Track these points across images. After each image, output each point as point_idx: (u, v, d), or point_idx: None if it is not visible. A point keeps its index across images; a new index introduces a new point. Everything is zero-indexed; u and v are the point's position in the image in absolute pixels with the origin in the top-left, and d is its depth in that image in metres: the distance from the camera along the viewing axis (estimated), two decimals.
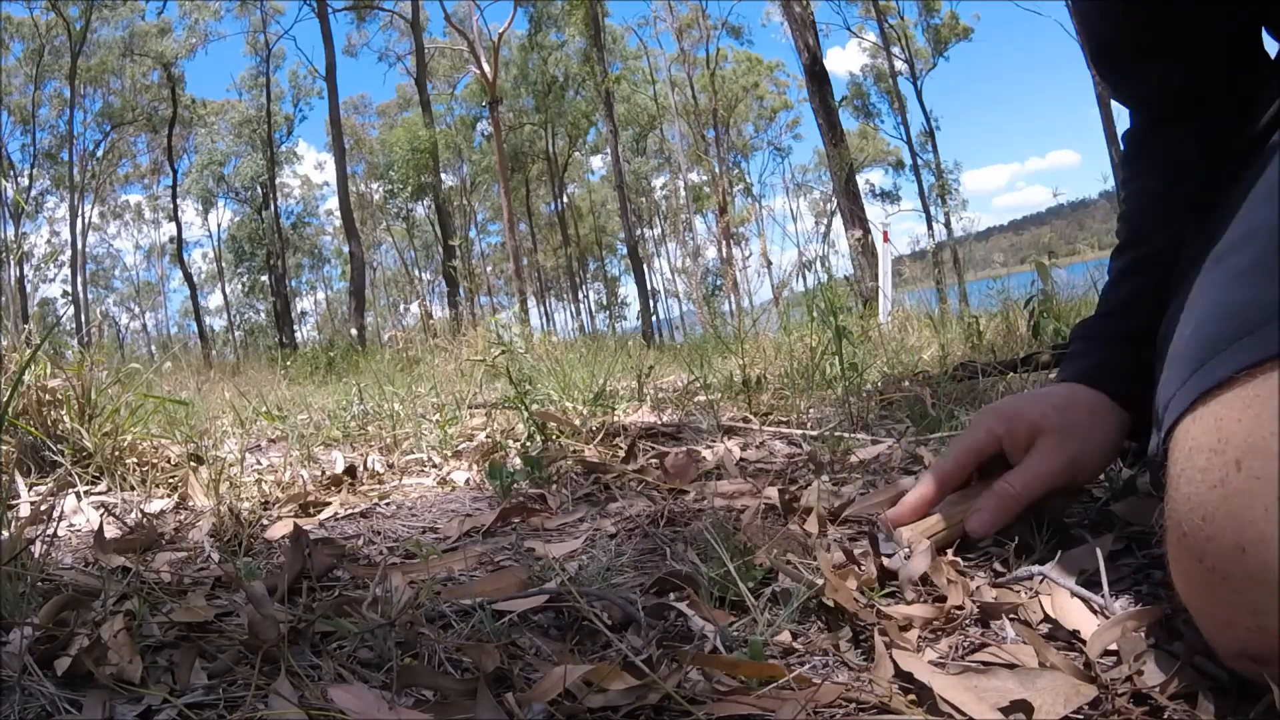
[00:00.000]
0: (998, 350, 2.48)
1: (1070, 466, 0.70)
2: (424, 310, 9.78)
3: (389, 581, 0.76)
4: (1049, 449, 0.69)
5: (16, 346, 1.67)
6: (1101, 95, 16.45)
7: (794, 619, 0.66)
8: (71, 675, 0.58)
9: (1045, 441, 0.69)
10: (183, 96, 26.54)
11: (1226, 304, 0.53)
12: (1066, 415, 0.70)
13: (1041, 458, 0.69)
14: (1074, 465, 0.70)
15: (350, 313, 16.21)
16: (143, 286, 33.95)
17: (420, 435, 1.76)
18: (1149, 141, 0.80)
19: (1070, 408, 0.71)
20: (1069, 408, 0.71)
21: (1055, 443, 0.69)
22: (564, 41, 25.12)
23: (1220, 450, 0.45)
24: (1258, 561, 0.42)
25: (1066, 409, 0.71)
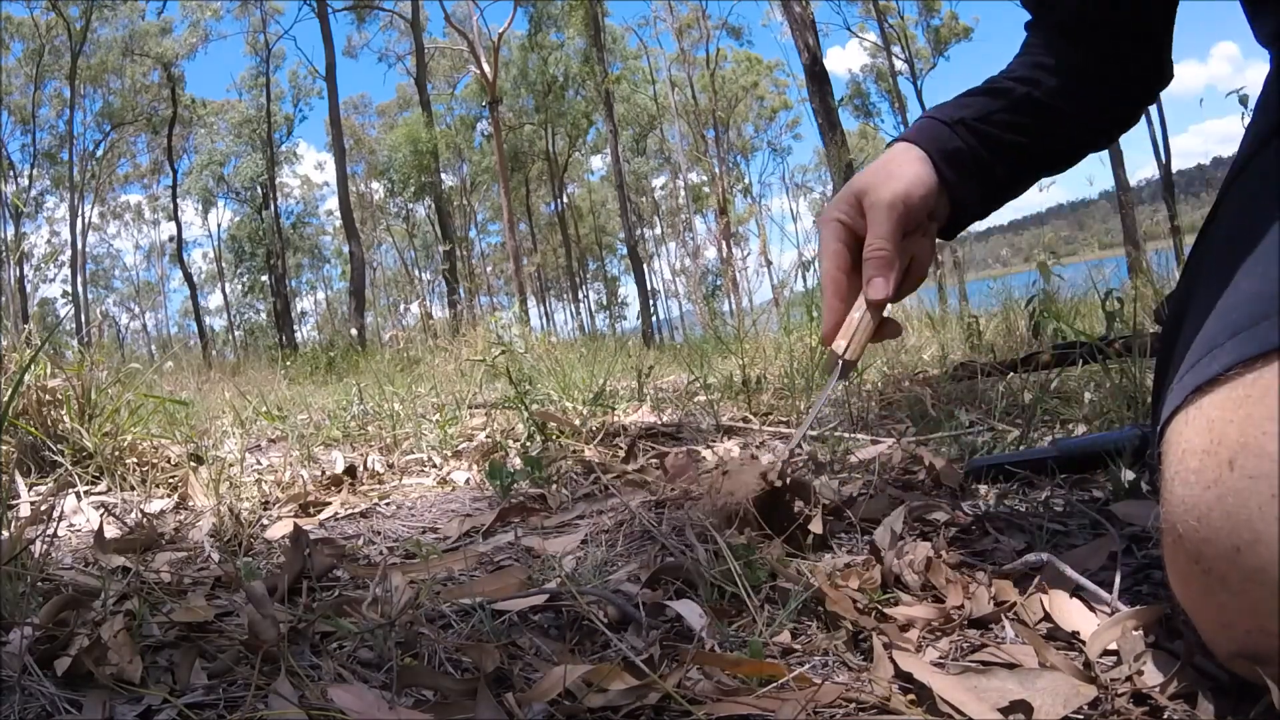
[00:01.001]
0: (998, 350, 2.48)
1: (904, 199, 0.73)
2: (424, 310, 9.79)
3: (389, 581, 0.76)
4: (878, 196, 0.73)
5: (16, 346, 1.67)
6: None
7: (793, 619, 0.66)
8: (71, 675, 0.58)
9: (871, 195, 0.74)
10: (183, 96, 26.54)
11: (1224, 301, 0.53)
12: (881, 166, 0.75)
13: (878, 209, 0.73)
14: (906, 198, 0.73)
15: (350, 313, 16.21)
16: (143, 286, 33.96)
17: (420, 435, 1.76)
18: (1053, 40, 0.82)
19: (886, 160, 0.76)
20: (885, 161, 0.76)
21: (881, 190, 0.73)
22: (564, 41, 25.12)
23: (1213, 451, 0.45)
24: (1254, 562, 0.42)
25: (881, 164, 0.76)
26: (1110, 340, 1.60)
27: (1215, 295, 0.55)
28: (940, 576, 0.71)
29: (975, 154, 0.78)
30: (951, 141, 0.77)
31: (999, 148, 0.78)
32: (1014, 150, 0.80)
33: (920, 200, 0.75)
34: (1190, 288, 0.62)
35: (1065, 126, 0.82)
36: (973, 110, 0.79)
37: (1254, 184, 0.61)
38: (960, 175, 0.77)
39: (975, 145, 0.78)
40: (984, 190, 0.80)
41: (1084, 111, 0.82)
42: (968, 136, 0.77)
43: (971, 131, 0.78)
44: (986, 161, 0.78)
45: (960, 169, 0.77)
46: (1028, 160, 0.82)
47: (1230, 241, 0.58)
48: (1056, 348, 1.81)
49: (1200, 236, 0.67)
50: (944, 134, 0.77)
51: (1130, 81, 0.82)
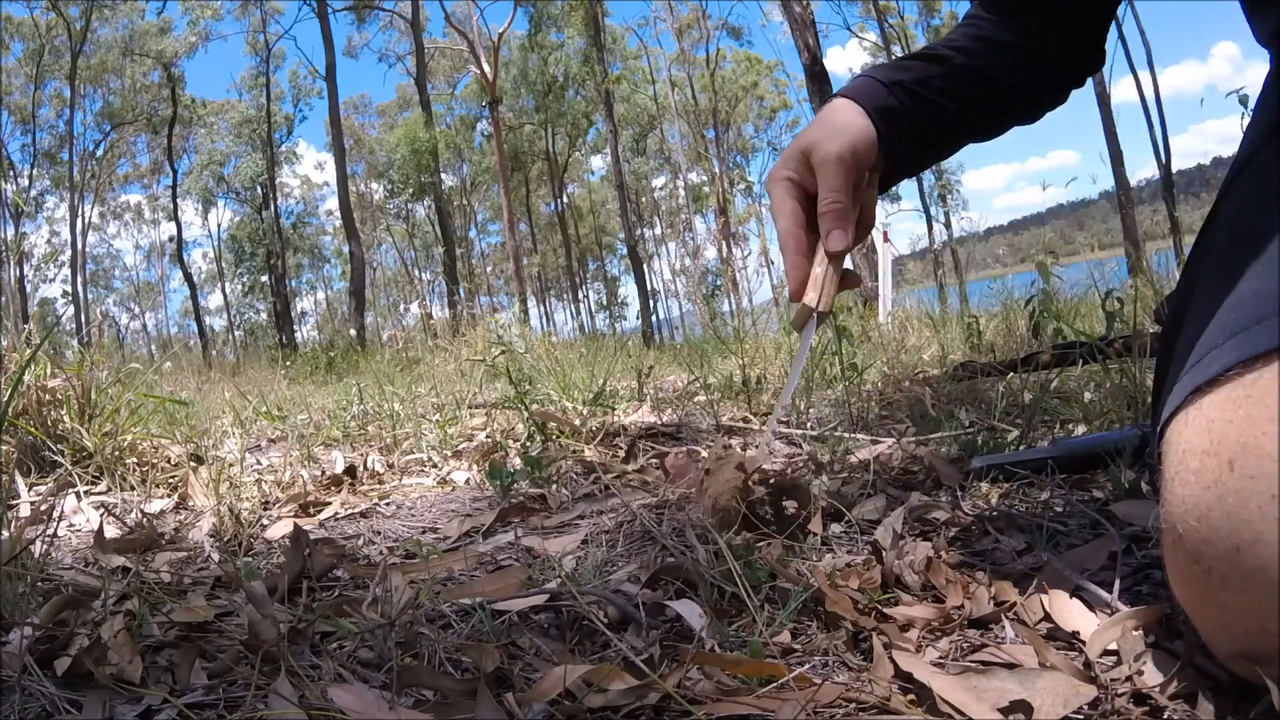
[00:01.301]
0: (998, 350, 2.48)
1: (851, 152, 0.75)
2: (424, 310, 9.79)
3: (389, 581, 0.76)
4: (826, 152, 0.75)
5: (16, 346, 1.67)
6: (1101, 95, 16.45)
7: (793, 619, 0.66)
8: (71, 675, 0.58)
9: (820, 152, 0.76)
10: (183, 96, 26.54)
11: (1224, 301, 0.53)
12: (823, 122, 0.78)
13: (827, 165, 0.75)
14: (853, 151, 0.76)
15: (350, 313, 16.21)
16: (143, 286, 33.96)
17: (420, 435, 1.76)
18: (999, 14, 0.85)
19: (828, 116, 0.78)
20: (827, 117, 0.78)
21: (827, 144, 0.75)
22: (564, 41, 25.12)
23: (1213, 451, 0.45)
24: (1254, 562, 0.42)
25: (823, 120, 0.78)
26: (1110, 340, 1.60)
27: (1215, 295, 0.55)
28: (940, 576, 0.71)
29: (910, 115, 0.81)
30: (888, 101, 0.79)
31: (933, 111, 0.81)
32: (947, 115, 0.83)
33: (865, 153, 0.77)
34: (1190, 288, 0.62)
35: (998, 98, 0.85)
36: (911, 74, 0.81)
37: (1254, 184, 0.61)
38: (895, 134, 0.80)
39: (910, 107, 0.80)
40: (917, 150, 0.84)
41: (1018, 87, 0.85)
42: (904, 98, 0.80)
43: (908, 94, 0.80)
44: (921, 124, 0.82)
45: (895, 128, 0.79)
46: (959, 126, 0.85)
47: (1230, 241, 0.58)
48: (1056, 348, 1.81)
49: (1200, 236, 0.67)
50: (881, 93, 0.80)
51: (1066, 64, 0.86)
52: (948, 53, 0.83)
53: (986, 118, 0.86)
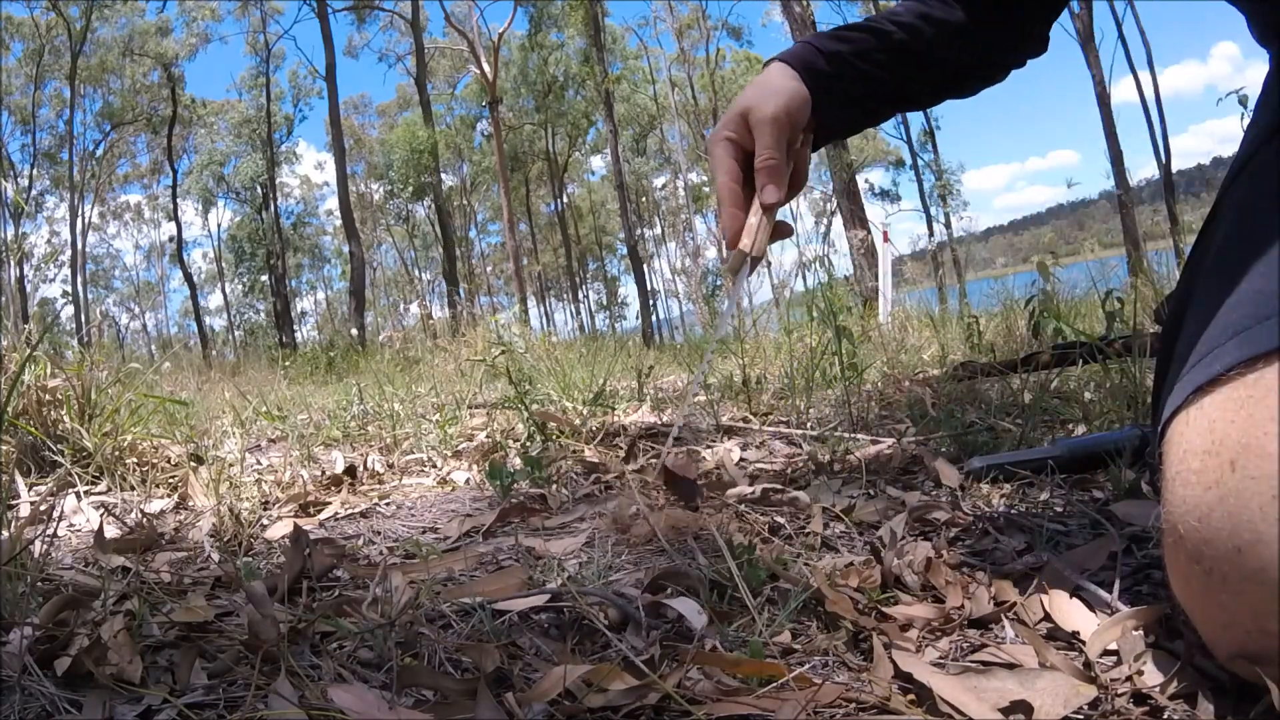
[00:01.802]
0: (998, 350, 2.48)
1: (785, 112, 0.80)
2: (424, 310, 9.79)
3: (389, 581, 0.76)
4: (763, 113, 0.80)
5: (16, 346, 1.67)
6: (1101, 95, 16.45)
7: (793, 619, 0.66)
8: (71, 675, 0.58)
9: (756, 112, 0.80)
10: (183, 96, 26.54)
11: (1225, 301, 0.53)
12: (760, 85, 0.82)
13: (763, 125, 0.80)
14: (787, 111, 0.81)
15: (350, 313, 16.20)
16: (143, 286, 33.95)
17: (420, 435, 1.76)
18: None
19: (765, 80, 0.83)
20: (764, 81, 0.83)
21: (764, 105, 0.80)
22: (564, 41, 25.11)
23: (1214, 452, 0.45)
24: (1255, 562, 0.42)
25: (760, 83, 0.83)
26: (1110, 340, 1.60)
27: (1216, 295, 0.54)
28: (940, 577, 0.71)
29: (844, 84, 0.85)
30: (823, 68, 0.84)
31: (866, 82, 0.86)
32: (881, 87, 0.87)
33: (798, 114, 0.82)
34: (1190, 287, 0.62)
35: (934, 75, 0.89)
36: (849, 46, 0.85)
37: (1254, 183, 0.61)
38: (828, 100, 0.84)
39: (845, 76, 0.85)
40: (849, 116, 0.89)
41: (956, 65, 0.89)
42: (839, 67, 0.84)
43: (844, 64, 0.84)
44: (853, 93, 0.86)
45: (828, 94, 0.84)
46: (892, 98, 0.90)
47: (1230, 241, 0.58)
48: (1056, 348, 1.81)
49: (1200, 236, 0.67)
50: (818, 60, 0.84)
51: (1008, 47, 0.89)
52: (889, 28, 0.86)
53: (921, 92, 0.91)
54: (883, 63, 0.86)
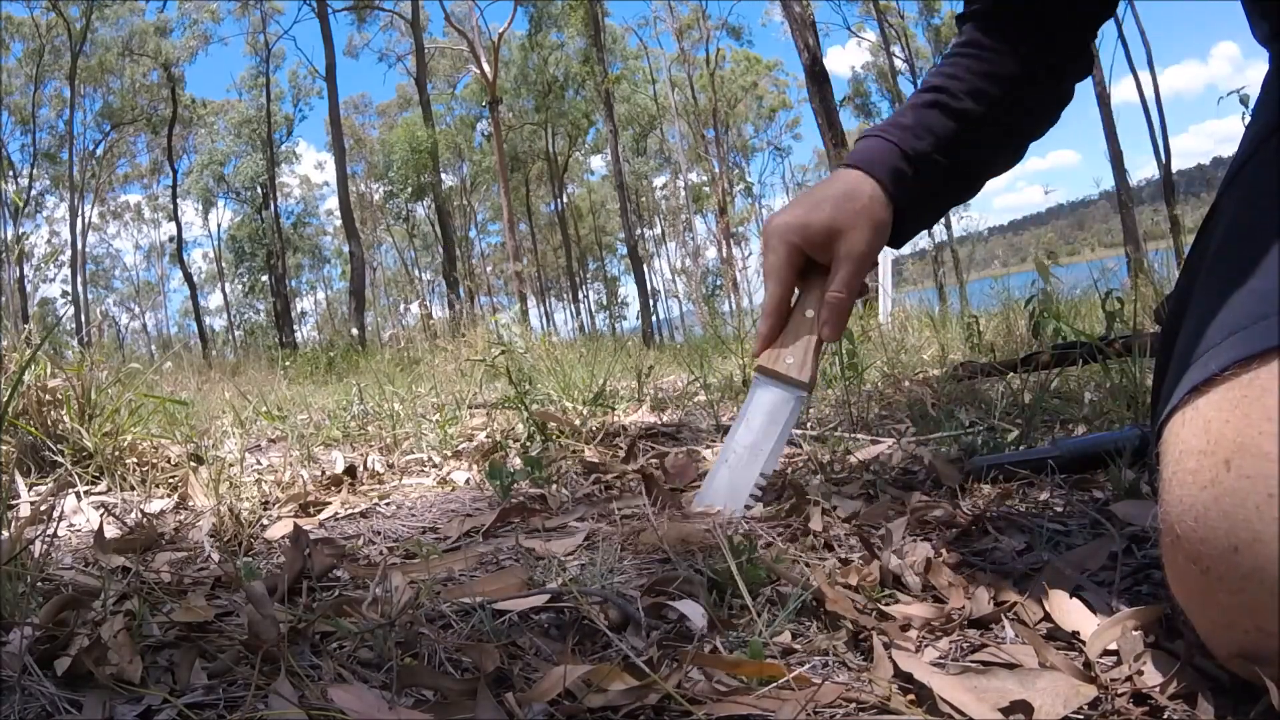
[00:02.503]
0: (998, 350, 2.49)
1: (872, 251, 0.77)
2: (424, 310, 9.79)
3: (389, 581, 0.76)
4: (853, 244, 0.76)
5: (16, 346, 1.67)
6: (1101, 95, 16.45)
7: (793, 619, 0.66)
8: (71, 675, 0.58)
9: (847, 239, 0.76)
10: (182, 96, 26.56)
11: (1223, 300, 0.53)
12: (853, 204, 0.76)
13: (850, 260, 0.76)
14: (874, 248, 0.77)
15: (350, 313, 16.20)
16: (143, 286, 33.97)
17: (420, 435, 1.76)
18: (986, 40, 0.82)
19: (853, 197, 0.76)
20: (852, 197, 0.76)
21: (856, 237, 0.76)
22: (564, 41, 25.12)
23: (1210, 451, 0.45)
24: (1252, 561, 0.42)
25: (850, 199, 0.76)
26: (1110, 340, 1.60)
27: (1214, 294, 0.55)
28: (940, 576, 0.71)
29: (932, 189, 0.80)
30: (912, 178, 0.78)
31: (954, 174, 0.80)
32: (968, 171, 0.82)
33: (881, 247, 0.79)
34: (1189, 287, 0.62)
35: (1014, 136, 0.84)
36: (932, 140, 0.79)
37: (1253, 183, 0.61)
38: (915, 213, 0.80)
39: (933, 177, 0.79)
40: (931, 216, 0.84)
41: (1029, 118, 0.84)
42: (928, 170, 0.79)
43: (932, 165, 0.79)
44: (939, 192, 0.81)
45: (916, 207, 0.79)
46: (978, 175, 0.84)
47: (1229, 240, 0.58)
48: (1056, 348, 1.81)
49: (1199, 235, 0.67)
50: (904, 170, 0.78)
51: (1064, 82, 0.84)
52: (966, 104, 0.80)
53: (1004, 158, 0.85)
54: (968, 144, 0.80)
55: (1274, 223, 0.54)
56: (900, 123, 0.81)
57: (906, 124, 0.80)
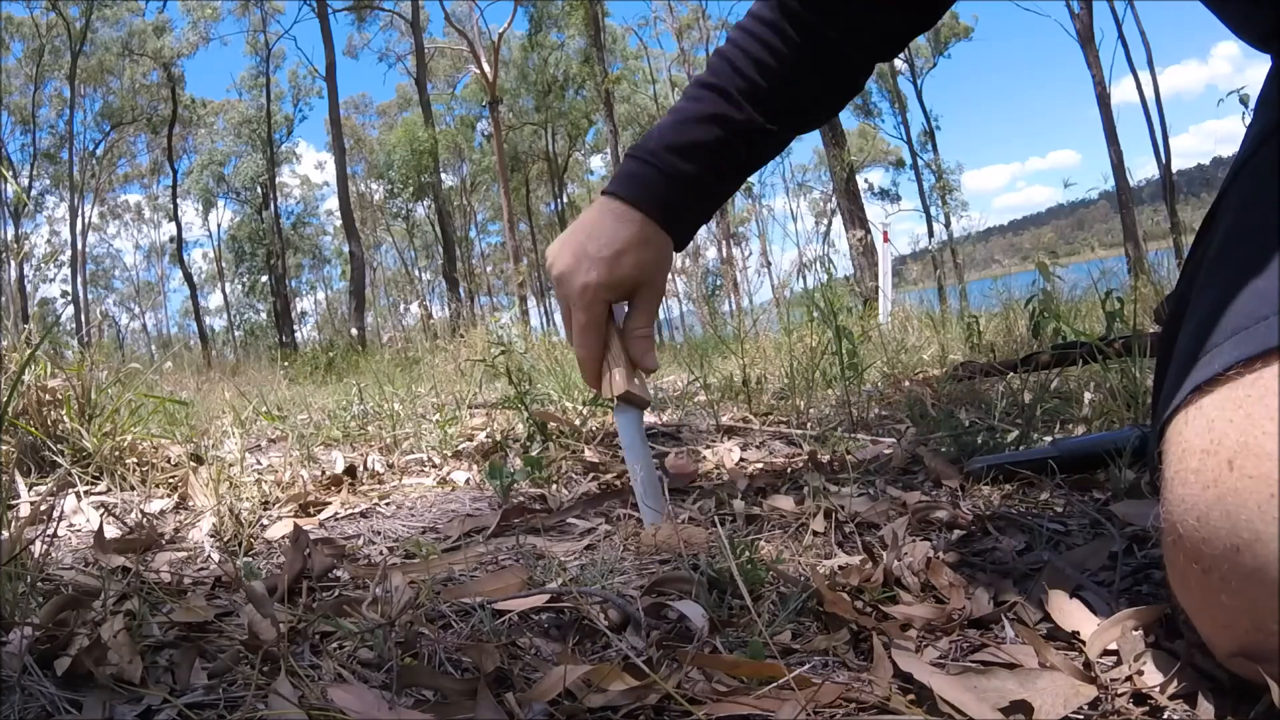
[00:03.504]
0: (998, 350, 2.48)
1: (663, 282, 0.86)
2: (424, 310, 9.79)
3: (389, 581, 0.76)
4: (653, 290, 0.85)
5: (16, 346, 1.67)
6: (1101, 95, 16.44)
7: (793, 619, 0.66)
8: (71, 675, 0.58)
9: (648, 290, 0.84)
10: (182, 96, 26.56)
11: (1226, 300, 0.53)
12: (648, 255, 0.82)
13: (650, 301, 0.85)
14: (664, 281, 0.86)
15: (350, 313, 16.20)
16: (143, 286, 33.97)
17: (420, 435, 1.76)
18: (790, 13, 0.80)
19: (646, 244, 0.82)
20: (645, 244, 0.82)
21: (656, 284, 0.85)
22: (564, 41, 25.12)
23: (1213, 451, 0.45)
24: (1253, 561, 0.42)
25: (643, 248, 0.82)
26: (1110, 340, 1.60)
27: (1215, 294, 0.54)
28: (940, 577, 0.71)
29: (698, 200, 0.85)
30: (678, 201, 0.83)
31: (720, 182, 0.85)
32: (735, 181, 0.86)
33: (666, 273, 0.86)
34: (1190, 287, 0.62)
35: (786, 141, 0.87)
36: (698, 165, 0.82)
37: (1254, 182, 0.61)
38: (682, 226, 0.85)
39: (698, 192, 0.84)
40: (703, 220, 0.89)
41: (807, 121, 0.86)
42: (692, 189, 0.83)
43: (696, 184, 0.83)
44: (706, 204, 0.86)
45: (681, 222, 0.85)
46: (741, 181, 0.88)
47: (1231, 239, 0.58)
48: (1056, 348, 1.81)
49: (1200, 235, 0.67)
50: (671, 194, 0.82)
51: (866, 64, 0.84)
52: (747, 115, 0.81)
53: (772, 154, 0.87)
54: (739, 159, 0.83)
55: (1276, 222, 0.54)
56: (672, 144, 0.82)
57: (682, 145, 0.82)
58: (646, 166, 0.82)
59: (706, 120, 0.81)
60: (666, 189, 0.81)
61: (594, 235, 0.81)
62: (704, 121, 0.81)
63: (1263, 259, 0.52)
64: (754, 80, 0.81)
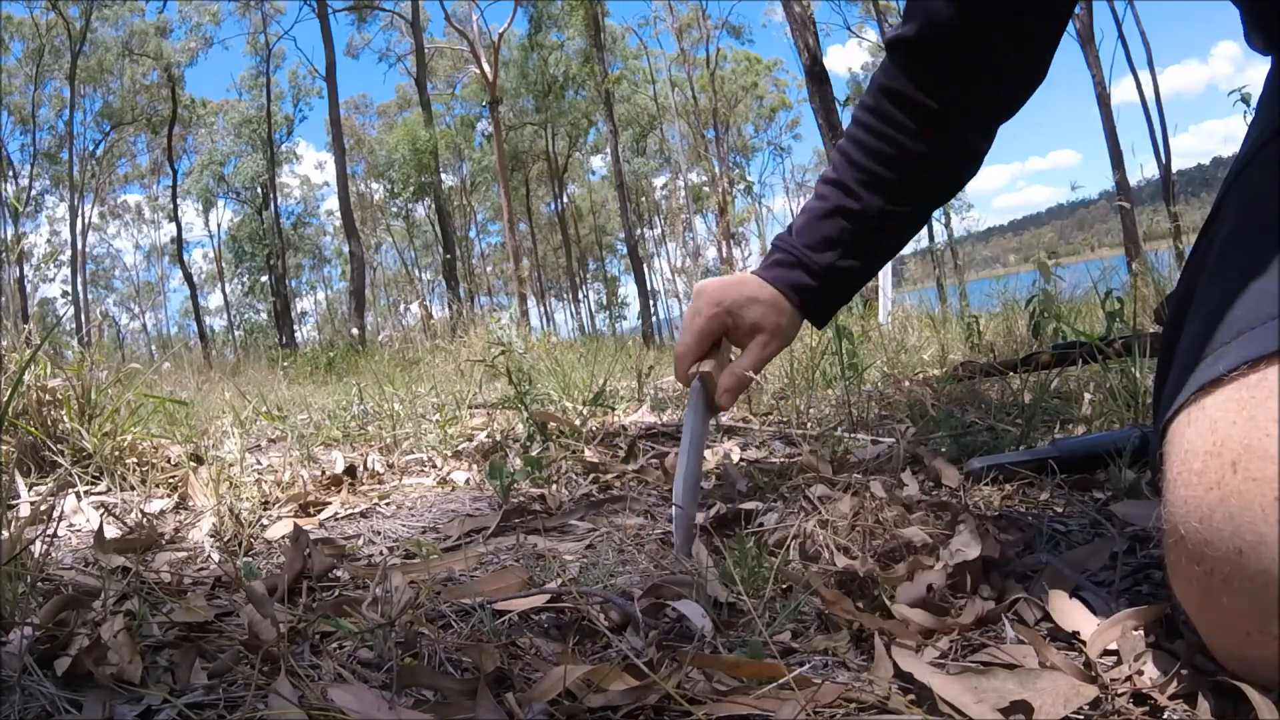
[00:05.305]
0: (998, 350, 2.48)
1: (774, 354, 0.91)
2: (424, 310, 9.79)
3: (389, 581, 0.76)
4: (765, 343, 0.90)
5: (16, 346, 1.67)
6: (1101, 95, 16.44)
7: (793, 619, 0.66)
8: (71, 675, 0.58)
9: (762, 338, 0.89)
10: (182, 96, 26.55)
11: (1229, 301, 0.53)
12: (775, 317, 0.89)
13: (761, 349, 0.90)
14: (775, 353, 0.91)
15: (350, 313, 16.20)
16: (143, 286, 33.97)
17: (420, 435, 1.76)
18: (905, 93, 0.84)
19: (777, 311, 0.89)
20: (777, 310, 0.89)
21: (768, 338, 0.90)
22: (564, 41, 25.11)
23: (1216, 453, 0.45)
24: (1256, 564, 0.42)
25: (775, 311, 0.89)
26: (1110, 340, 1.60)
27: (1218, 294, 0.54)
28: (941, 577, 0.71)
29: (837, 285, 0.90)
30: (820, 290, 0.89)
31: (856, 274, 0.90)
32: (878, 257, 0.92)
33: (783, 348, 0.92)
34: (1191, 287, 0.62)
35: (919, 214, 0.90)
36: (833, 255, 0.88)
37: (1256, 182, 0.61)
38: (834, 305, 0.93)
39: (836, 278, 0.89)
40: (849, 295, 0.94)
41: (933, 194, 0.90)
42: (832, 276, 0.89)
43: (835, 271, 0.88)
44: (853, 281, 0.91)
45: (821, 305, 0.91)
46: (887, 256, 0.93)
47: (1233, 240, 0.58)
48: (1056, 348, 1.81)
49: (1201, 235, 0.66)
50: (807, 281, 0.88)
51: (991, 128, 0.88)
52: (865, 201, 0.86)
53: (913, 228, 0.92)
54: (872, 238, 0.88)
55: (1278, 222, 0.53)
56: (806, 239, 0.89)
57: (811, 240, 0.89)
58: (788, 255, 0.90)
59: (832, 215, 0.88)
60: (807, 277, 0.89)
61: (746, 282, 0.91)
62: (830, 217, 0.88)
63: (1266, 259, 0.52)
64: (868, 168, 0.86)
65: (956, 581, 0.69)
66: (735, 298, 0.88)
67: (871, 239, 0.88)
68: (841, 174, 0.88)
